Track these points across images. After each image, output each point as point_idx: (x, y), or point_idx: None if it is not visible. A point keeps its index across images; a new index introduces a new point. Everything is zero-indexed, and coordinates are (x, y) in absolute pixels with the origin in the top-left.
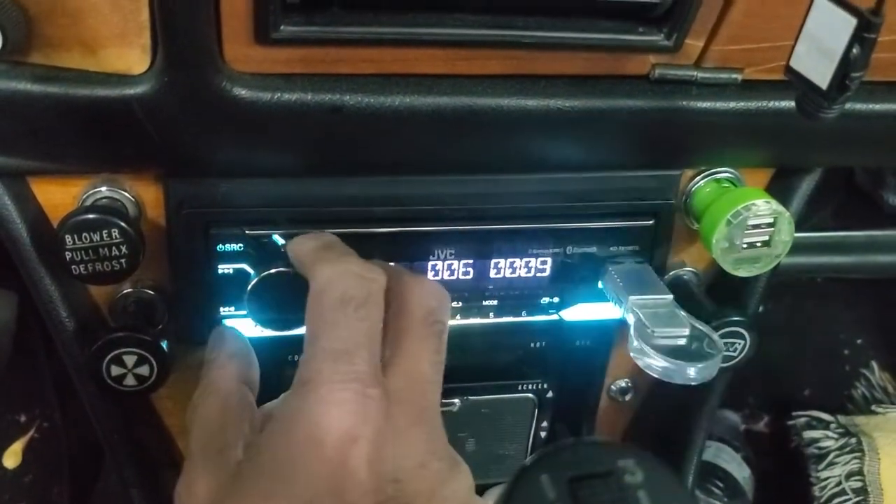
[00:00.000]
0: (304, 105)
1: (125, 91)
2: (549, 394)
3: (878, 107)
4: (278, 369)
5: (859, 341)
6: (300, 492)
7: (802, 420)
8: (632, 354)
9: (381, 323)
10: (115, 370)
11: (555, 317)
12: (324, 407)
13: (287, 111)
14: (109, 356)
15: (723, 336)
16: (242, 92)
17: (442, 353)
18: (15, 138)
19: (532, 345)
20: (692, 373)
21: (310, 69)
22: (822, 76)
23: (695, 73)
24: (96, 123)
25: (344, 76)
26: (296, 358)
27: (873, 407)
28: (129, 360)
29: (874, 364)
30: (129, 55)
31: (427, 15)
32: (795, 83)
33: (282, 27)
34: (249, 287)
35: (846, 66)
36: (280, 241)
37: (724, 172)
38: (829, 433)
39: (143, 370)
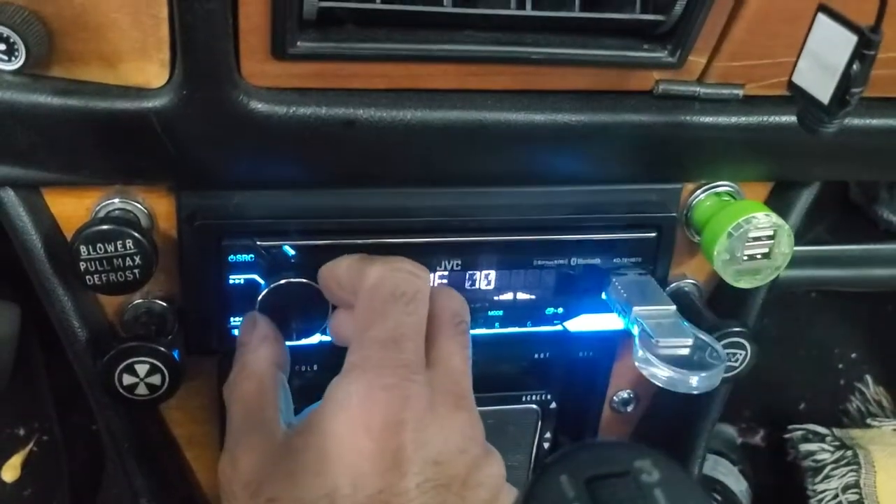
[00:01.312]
0: (318, 119)
1: (143, 104)
2: (553, 405)
3: (875, 122)
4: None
5: (854, 355)
6: (347, 470)
7: (799, 433)
8: (637, 364)
9: (426, 319)
10: (128, 379)
11: (559, 328)
12: (372, 391)
13: (301, 125)
14: (122, 365)
15: (724, 347)
16: (258, 106)
17: (469, 349)
18: (33, 150)
19: (536, 356)
20: (696, 382)
21: (324, 84)
22: (823, 91)
23: (697, 89)
24: (114, 136)
25: (357, 91)
26: (304, 369)
27: (868, 420)
28: (142, 369)
29: (868, 378)
30: (148, 69)
31: (439, 32)
32: (797, 98)
33: (298, 43)
34: (260, 297)
35: (847, 82)
36: (291, 252)
37: (725, 186)
38: (826, 446)
39: (155, 379)
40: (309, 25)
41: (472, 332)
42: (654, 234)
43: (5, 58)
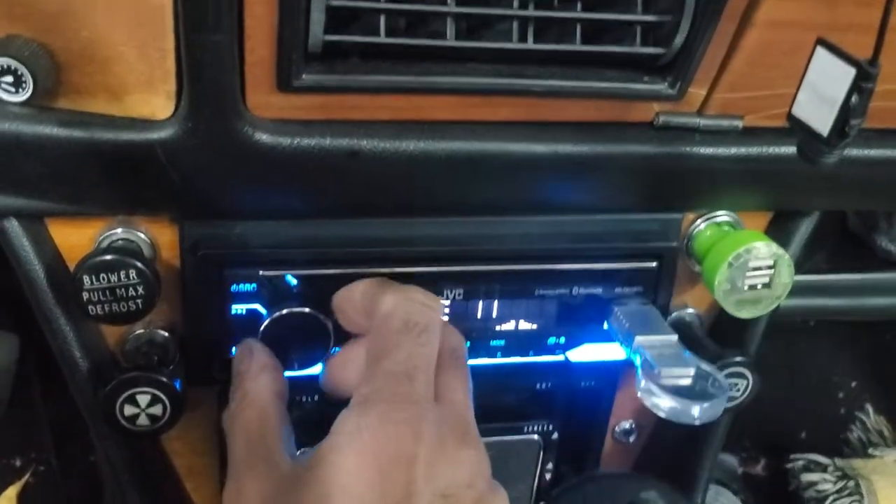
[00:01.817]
0: (322, 150)
1: (149, 136)
2: (555, 435)
3: (873, 153)
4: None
5: (854, 384)
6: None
7: (800, 463)
8: (639, 394)
9: (437, 351)
10: (129, 410)
11: (561, 357)
12: (384, 425)
13: (306, 156)
14: (123, 396)
15: (726, 376)
16: (263, 137)
17: (470, 383)
18: (38, 180)
19: (538, 386)
20: (698, 413)
21: (328, 115)
22: (822, 123)
23: (697, 121)
24: (119, 167)
25: (361, 122)
26: (304, 399)
27: (870, 450)
28: (143, 399)
29: (869, 407)
30: (154, 101)
31: (442, 64)
32: (797, 130)
33: (303, 75)
34: (263, 327)
35: (846, 114)
36: (293, 281)
37: (724, 216)
38: (827, 476)
39: (157, 410)
40: (314, 58)
41: (474, 361)
42: (654, 264)
43: (13, 90)
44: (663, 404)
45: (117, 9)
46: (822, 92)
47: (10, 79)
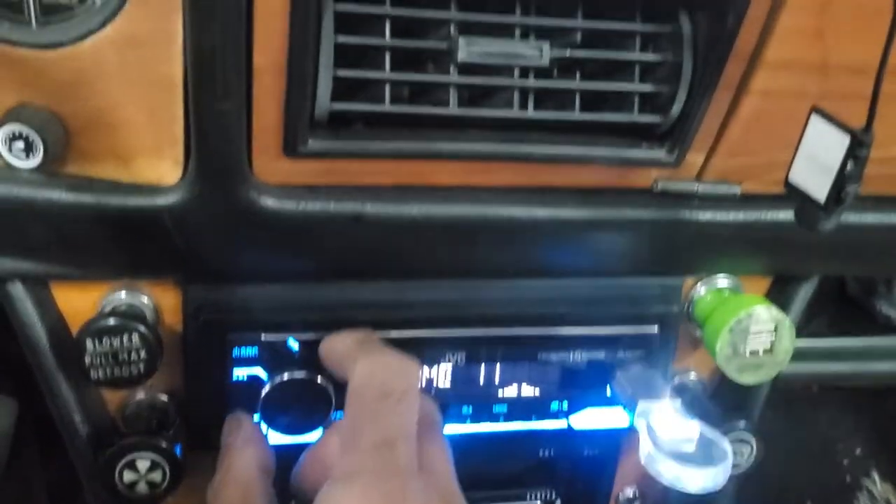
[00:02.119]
0: (326, 214)
1: (156, 201)
2: (558, 503)
3: (870, 219)
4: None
5: (858, 451)
6: None
7: None
8: (642, 461)
9: (416, 417)
10: (128, 476)
11: (563, 423)
12: (369, 498)
13: (311, 220)
14: (123, 461)
15: (730, 442)
16: (269, 202)
17: (449, 450)
18: (44, 244)
19: (540, 453)
20: (702, 479)
21: (333, 180)
22: (819, 190)
23: (696, 187)
24: (126, 231)
25: (365, 187)
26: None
27: None
28: (143, 465)
29: (875, 474)
30: (161, 167)
31: (444, 131)
32: (794, 196)
33: (310, 142)
34: (265, 392)
35: (842, 181)
36: (295, 346)
37: (724, 280)
38: None
39: (156, 476)
40: (320, 125)
41: (478, 428)
42: (656, 328)
43: (24, 156)
44: (666, 471)
45: (130, 77)
46: (818, 159)
47: (21, 145)
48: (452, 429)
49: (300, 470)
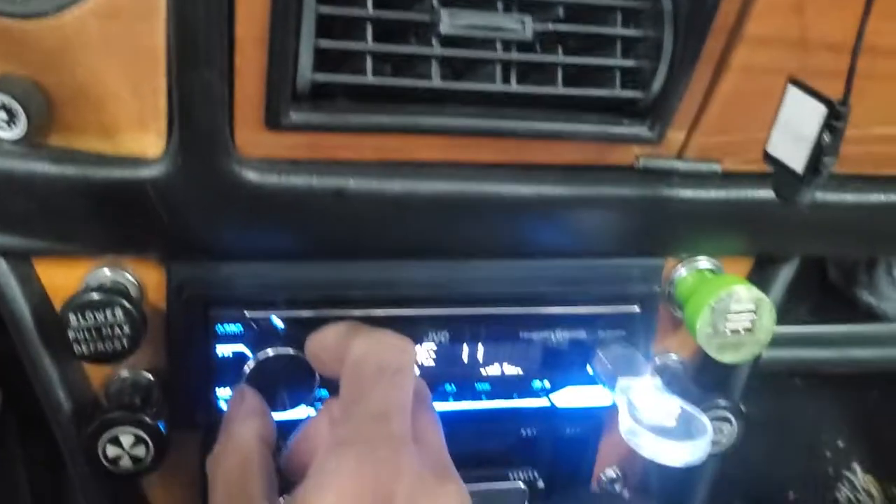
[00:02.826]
0: (309, 188)
1: (139, 173)
2: (540, 483)
3: (849, 197)
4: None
5: (840, 443)
6: None
7: None
8: (623, 435)
9: (412, 392)
10: (112, 451)
11: (545, 401)
12: (363, 464)
13: (293, 194)
14: (106, 436)
15: (710, 420)
16: (251, 175)
17: (440, 424)
18: (27, 218)
19: (523, 432)
20: (682, 453)
21: (315, 155)
22: (797, 161)
23: (677, 164)
24: (109, 205)
25: (347, 162)
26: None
27: None
28: (126, 440)
29: (857, 466)
30: (145, 139)
31: (427, 105)
32: (772, 167)
33: (291, 114)
34: (249, 369)
35: (819, 151)
36: (279, 323)
37: (705, 262)
38: None
39: (140, 451)
40: (302, 98)
41: (460, 406)
42: (636, 308)
43: (6, 126)
44: (646, 444)
45: (113, 48)
46: (795, 130)
47: (3, 116)
48: (436, 407)
49: (291, 447)
